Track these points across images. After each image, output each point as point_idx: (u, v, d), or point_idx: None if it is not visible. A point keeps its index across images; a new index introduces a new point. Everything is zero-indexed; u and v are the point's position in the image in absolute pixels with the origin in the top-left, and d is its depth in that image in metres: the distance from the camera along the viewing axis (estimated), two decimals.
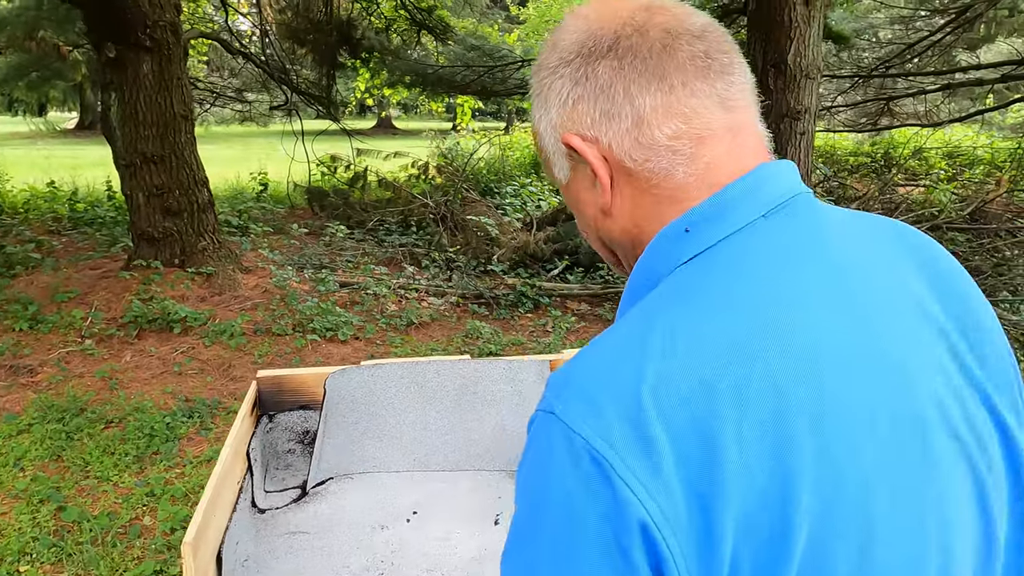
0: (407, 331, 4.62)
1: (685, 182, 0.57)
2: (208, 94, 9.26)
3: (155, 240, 5.05)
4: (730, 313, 0.49)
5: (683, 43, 0.57)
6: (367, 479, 1.58)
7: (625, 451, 0.45)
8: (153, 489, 2.78)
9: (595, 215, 0.63)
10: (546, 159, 0.65)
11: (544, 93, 0.62)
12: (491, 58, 8.38)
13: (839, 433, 0.46)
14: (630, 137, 0.57)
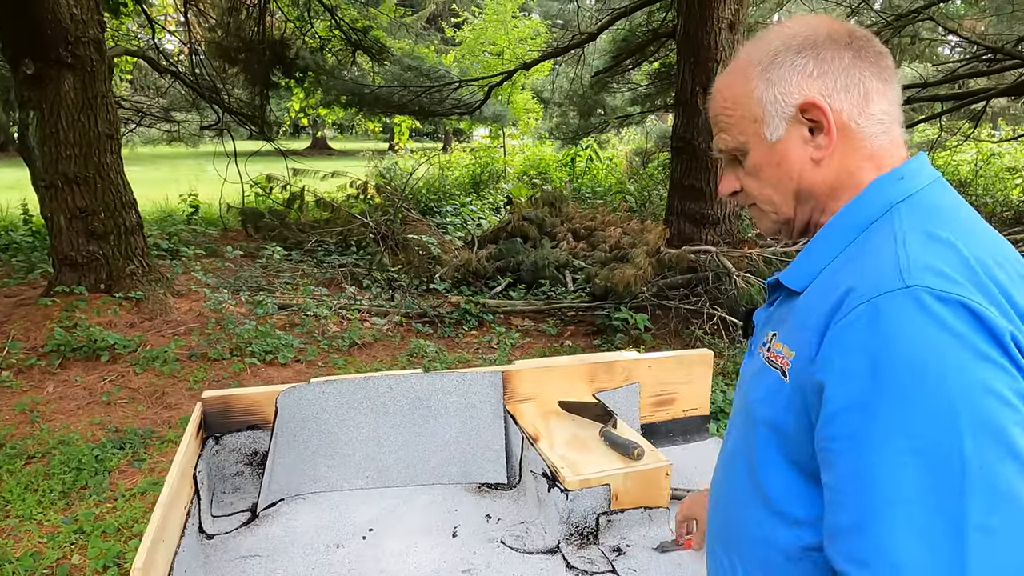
0: (350, 352, 4.54)
1: (882, 147, 0.79)
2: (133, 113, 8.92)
3: (79, 264, 4.80)
4: (970, 230, 0.72)
5: (886, 58, 0.80)
6: (320, 498, 1.54)
7: (979, 296, 0.63)
8: (82, 526, 2.62)
9: (803, 166, 0.80)
10: (754, 122, 0.81)
11: (780, 68, 0.79)
12: (428, 78, 8.41)
13: None
14: (858, 107, 0.78)
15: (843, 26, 0.80)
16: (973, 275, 0.65)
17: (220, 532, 1.43)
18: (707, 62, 5.84)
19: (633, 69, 9.84)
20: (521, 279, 5.99)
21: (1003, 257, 0.70)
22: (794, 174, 0.80)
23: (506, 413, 1.70)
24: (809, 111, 0.78)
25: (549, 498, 1.45)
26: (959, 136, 10.22)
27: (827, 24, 0.80)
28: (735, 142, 0.83)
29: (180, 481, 1.25)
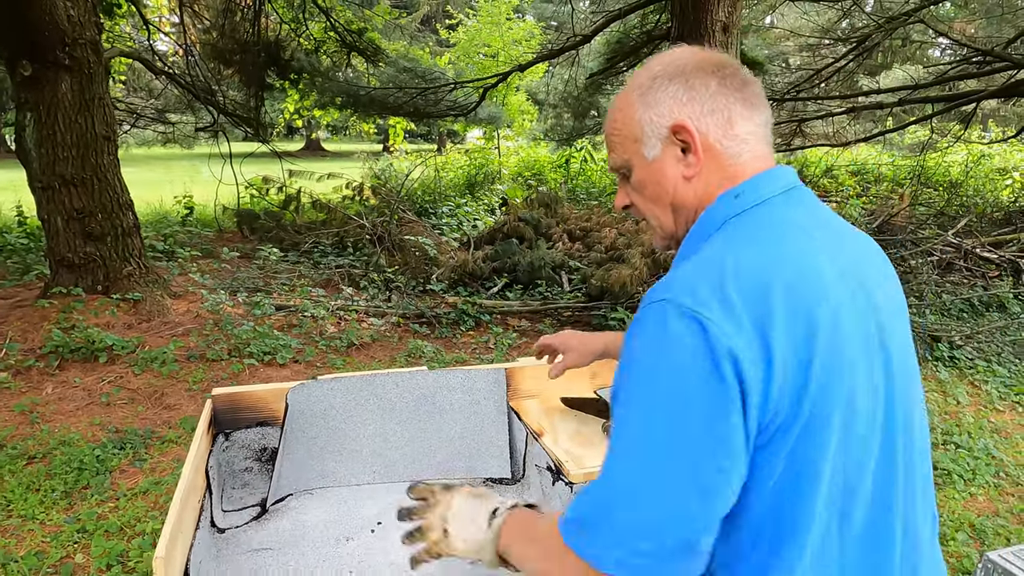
0: (348, 352, 4.56)
1: (743, 164, 0.86)
2: (128, 115, 8.91)
3: (76, 266, 4.80)
4: (772, 246, 0.79)
5: (753, 85, 0.88)
6: (327, 493, 1.57)
7: (715, 310, 0.71)
8: (85, 525, 2.64)
9: (676, 182, 0.89)
10: (635, 142, 0.90)
11: (656, 93, 0.88)
12: (423, 80, 8.43)
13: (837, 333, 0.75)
14: (722, 129, 0.86)
15: (714, 57, 0.89)
16: (723, 297, 0.72)
17: (231, 526, 1.45)
18: None
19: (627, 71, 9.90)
20: (517, 280, 6.03)
21: (797, 277, 0.75)
22: (669, 189, 0.89)
23: (509, 409, 1.73)
24: (679, 132, 0.86)
25: (553, 491, 1.48)
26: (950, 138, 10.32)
27: (700, 55, 0.89)
28: (621, 160, 0.92)
29: (194, 476, 1.27)
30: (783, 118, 10.41)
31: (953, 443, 3.47)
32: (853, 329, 0.77)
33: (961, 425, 3.67)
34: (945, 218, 7.33)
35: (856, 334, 0.77)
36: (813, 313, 0.73)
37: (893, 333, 0.83)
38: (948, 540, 2.72)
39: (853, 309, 0.77)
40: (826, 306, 0.74)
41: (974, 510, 2.95)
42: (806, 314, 0.73)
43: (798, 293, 0.74)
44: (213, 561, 1.32)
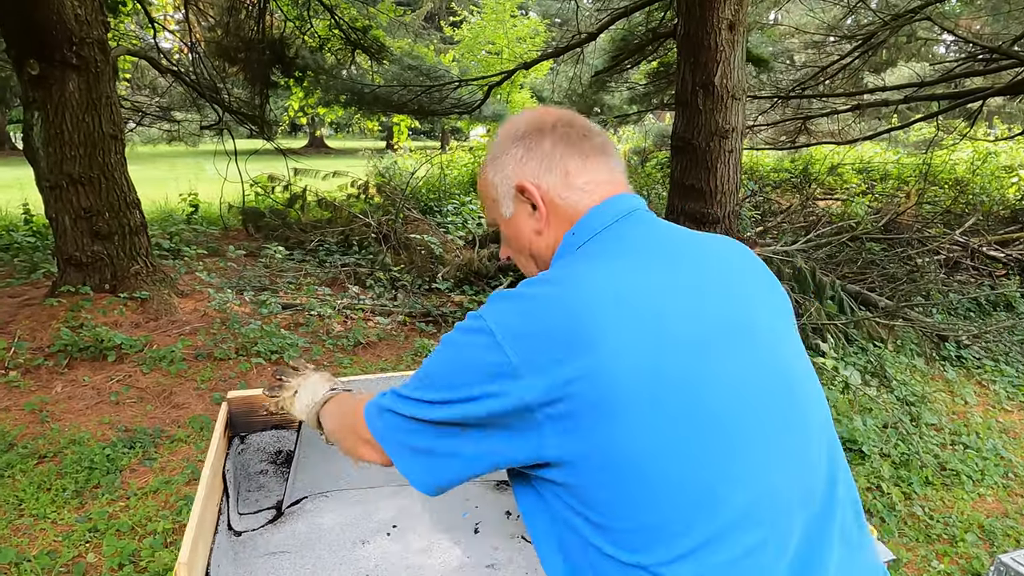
0: (355, 351, 4.57)
1: (582, 208, 0.94)
2: (133, 113, 8.92)
3: (83, 265, 4.81)
4: (592, 275, 0.83)
5: (594, 138, 0.97)
6: (342, 496, 1.58)
7: (502, 327, 0.80)
8: (96, 524, 2.65)
9: (530, 236, 0.98)
10: (494, 202, 1.00)
11: (502, 156, 0.97)
12: (428, 77, 8.42)
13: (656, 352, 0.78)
14: (561, 184, 0.94)
15: (551, 115, 0.97)
16: (508, 314, 0.81)
17: (248, 529, 1.46)
18: (708, 62, 5.88)
19: (632, 69, 9.88)
20: (522, 277, 6.02)
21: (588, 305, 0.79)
22: (526, 242, 0.98)
23: None
24: (523, 192, 0.95)
25: None
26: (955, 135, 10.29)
27: (539, 116, 0.97)
28: (490, 218, 1.04)
29: (213, 479, 1.28)
30: (788, 115, 10.40)
31: (961, 443, 3.46)
32: (679, 331, 0.80)
33: (969, 425, 3.66)
34: (951, 216, 7.31)
35: (685, 335, 0.80)
36: (599, 329, 0.77)
37: (754, 325, 0.86)
38: (957, 541, 2.72)
39: (679, 314, 0.81)
40: (620, 319, 0.78)
41: (983, 511, 2.94)
42: (592, 332, 0.77)
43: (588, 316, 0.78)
44: (231, 565, 1.33)
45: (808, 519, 0.82)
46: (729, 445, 0.78)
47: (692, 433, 0.76)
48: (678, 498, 0.76)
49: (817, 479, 0.85)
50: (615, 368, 0.75)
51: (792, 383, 0.86)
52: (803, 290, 4.76)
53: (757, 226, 7.58)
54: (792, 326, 0.94)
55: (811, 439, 0.85)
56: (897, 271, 5.60)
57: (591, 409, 0.75)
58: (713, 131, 6.06)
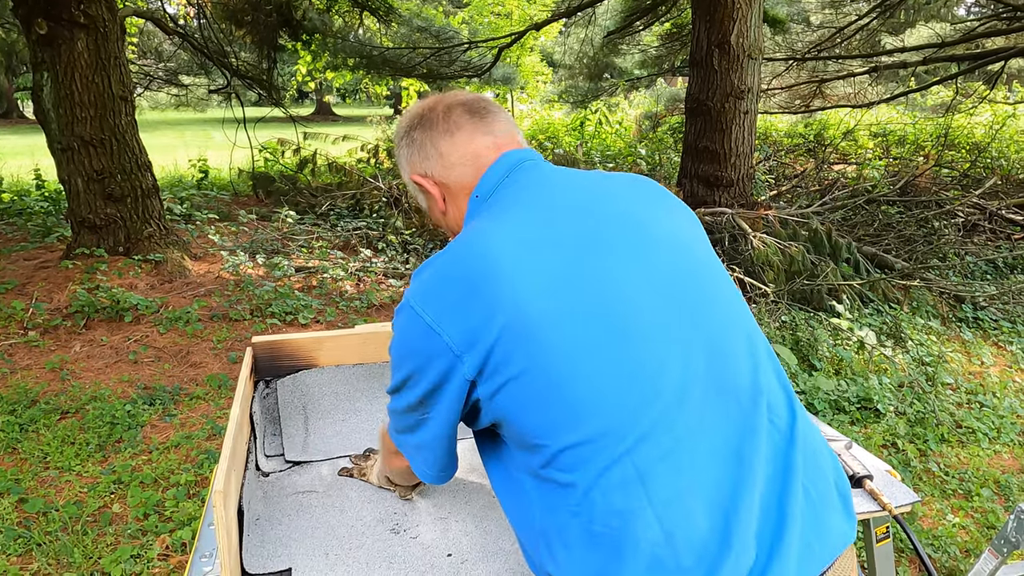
0: (368, 313, 4.58)
1: (471, 178, 1.01)
2: (141, 77, 8.85)
3: (97, 227, 4.83)
4: (487, 232, 0.89)
5: (455, 110, 1.03)
6: (367, 444, 1.58)
7: (422, 303, 0.88)
8: (120, 476, 2.70)
9: (441, 216, 1.08)
10: (413, 195, 1.12)
11: (399, 158, 1.10)
12: (437, 40, 8.31)
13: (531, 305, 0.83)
14: (440, 166, 1.03)
15: (422, 106, 1.06)
16: (427, 294, 0.88)
17: (274, 471, 1.47)
18: (723, 20, 5.75)
19: (644, 30, 9.69)
20: None
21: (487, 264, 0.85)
22: (441, 221, 1.09)
23: None
24: (419, 185, 1.06)
25: None
26: (975, 98, 10.07)
27: (411, 112, 1.07)
28: (416, 201, 1.17)
29: (242, 417, 1.29)
30: (803, 79, 10.20)
31: (978, 402, 3.46)
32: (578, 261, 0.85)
33: (985, 385, 3.65)
34: (969, 180, 7.19)
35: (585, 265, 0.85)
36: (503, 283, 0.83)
37: (649, 237, 0.91)
38: (973, 496, 2.73)
39: (575, 244, 0.86)
40: (510, 276, 0.83)
41: (999, 467, 2.95)
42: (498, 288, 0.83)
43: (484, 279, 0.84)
44: (260, 503, 1.35)
45: (731, 407, 0.85)
46: (639, 352, 0.83)
47: (605, 351, 0.82)
48: (599, 408, 0.81)
49: (737, 369, 0.88)
50: (526, 314, 0.81)
51: (697, 285, 0.91)
52: (819, 252, 4.72)
53: (771, 190, 7.49)
54: (698, 239, 0.98)
55: (727, 333, 0.90)
56: (914, 234, 5.54)
57: (518, 359, 0.82)
58: (728, 92, 5.95)
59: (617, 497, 0.80)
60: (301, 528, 1.28)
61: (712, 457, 0.82)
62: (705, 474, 0.81)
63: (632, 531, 0.79)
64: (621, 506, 0.80)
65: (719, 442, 0.82)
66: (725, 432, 0.83)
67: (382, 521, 1.31)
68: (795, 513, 0.83)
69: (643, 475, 0.80)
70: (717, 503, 0.80)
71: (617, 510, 0.80)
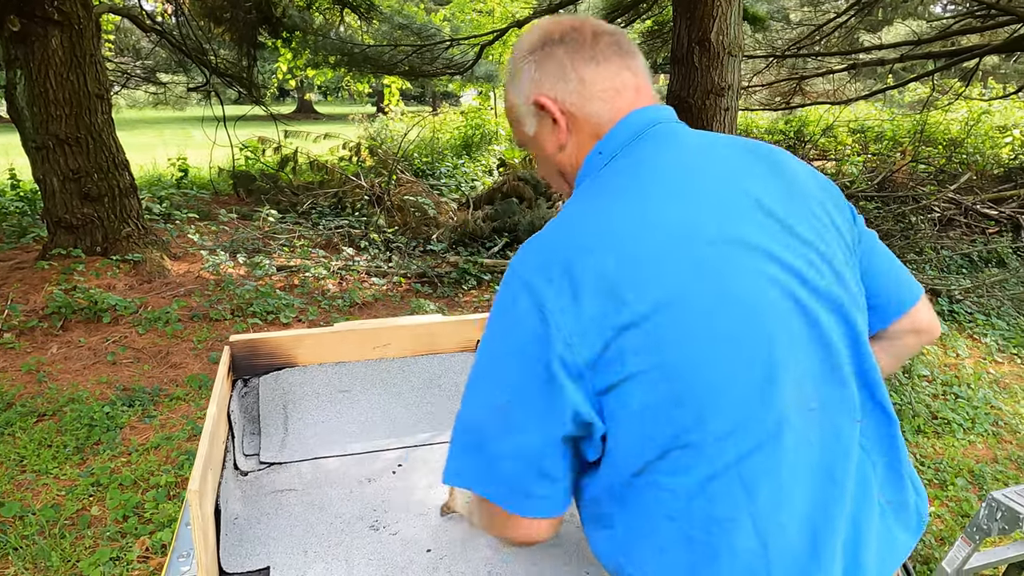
0: (351, 311, 4.56)
1: (607, 121, 0.89)
2: (118, 75, 8.73)
3: (74, 227, 4.76)
4: (606, 199, 0.82)
5: (603, 38, 0.91)
6: (346, 445, 1.58)
7: (539, 278, 0.77)
8: (99, 479, 2.67)
9: (554, 152, 0.94)
10: (517, 121, 0.96)
11: (518, 74, 0.93)
12: (419, 37, 8.27)
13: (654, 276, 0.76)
14: (576, 94, 0.89)
15: (562, 24, 0.92)
16: (545, 260, 0.78)
17: (253, 470, 1.47)
18: (703, 17, 5.78)
19: (626, 27, 9.72)
20: (518, 239, 6.01)
21: (602, 234, 0.78)
22: (551, 159, 0.95)
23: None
24: (541, 107, 0.91)
25: None
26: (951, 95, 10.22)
27: (548, 26, 0.93)
28: (517, 139, 1.00)
29: (219, 416, 1.28)
30: (783, 76, 10.29)
31: (953, 393, 3.52)
32: (711, 269, 0.77)
33: (960, 376, 3.72)
34: (945, 175, 7.30)
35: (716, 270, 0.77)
36: (646, 283, 0.75)
37: (803, 236, 0.83)
38: (948, 485, 2.78)
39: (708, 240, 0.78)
40: (669, 268, 0.76)
41: (973, 457, 3.00)
42: (639, 286, 0.75)
43: (636, 265, 0.76)
44: (238, 502, 1.34)
45: (832, 425, 0.83)
46: (763, 360, 0.78)
47: (733, 356, 0.77)
48: (720, 413, 0.76)
49: (844, 388, 0.84)
50: (658, 307, 0.74)
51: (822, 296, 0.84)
52: None
53: None
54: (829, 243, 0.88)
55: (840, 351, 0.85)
56: (891, 228, 5.62)
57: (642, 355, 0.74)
58: (709, 89, 5.99)
59: (721, 506, 0.78)
60: (280, 527, 1.28)
61: (809, 473, 0.80)
62: (800, 489, 0.80)
63: (730, 539, 0.78)
64: (723, 514, 0.78)
65: (815, 459, 0.81)
66: (822, 450, 0.82)
67: (361, 518, 1.31)
68: (872, 532, 0.85)
69: (748, 486, 0.77)
70: (808, 519, 0.80)
71: (719, 518, 0.78)
